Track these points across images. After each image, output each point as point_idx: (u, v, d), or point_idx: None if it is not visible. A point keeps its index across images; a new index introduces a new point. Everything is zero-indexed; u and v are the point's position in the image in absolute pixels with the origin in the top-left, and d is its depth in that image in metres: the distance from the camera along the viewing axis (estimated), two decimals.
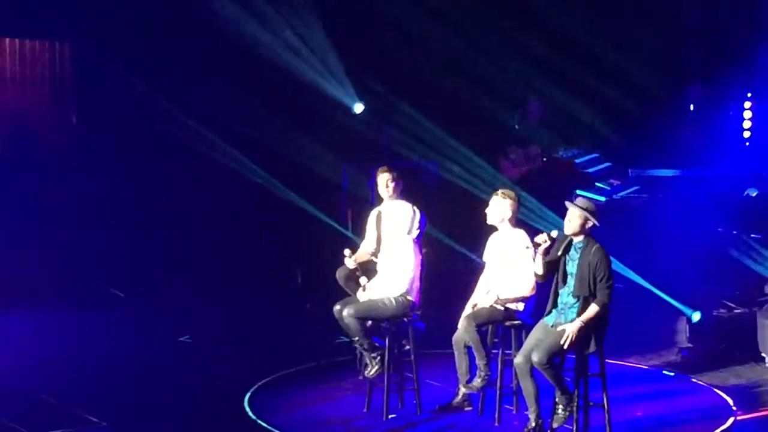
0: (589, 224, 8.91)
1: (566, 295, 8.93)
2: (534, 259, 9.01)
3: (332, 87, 15.70)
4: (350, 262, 9.93)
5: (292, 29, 15.61)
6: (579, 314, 8.80)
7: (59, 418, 9.58)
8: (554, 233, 8.96)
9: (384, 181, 10.00)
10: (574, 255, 8.92)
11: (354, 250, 10.05)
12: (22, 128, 15.77)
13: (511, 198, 9.62)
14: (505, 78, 16.07)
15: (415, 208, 9.92)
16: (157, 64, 15.22)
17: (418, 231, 9.87)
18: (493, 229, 9.75)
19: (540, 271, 9.00)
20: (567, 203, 9.01)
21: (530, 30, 15.82)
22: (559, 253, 8.97)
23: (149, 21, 15.19)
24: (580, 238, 8.92)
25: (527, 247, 9.18)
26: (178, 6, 15.14)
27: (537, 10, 16.00)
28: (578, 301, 8.83)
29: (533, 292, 9.45)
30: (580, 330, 8.73)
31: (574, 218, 8.91)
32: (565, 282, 8.95)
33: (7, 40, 15.67)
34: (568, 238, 8.97)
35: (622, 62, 15.76)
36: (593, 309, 8.77)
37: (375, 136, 16.13)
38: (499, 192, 9.68)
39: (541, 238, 8.93)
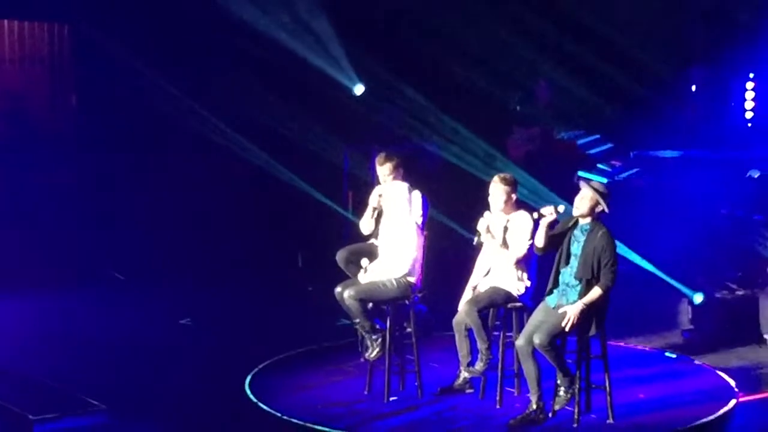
0: (599, 208, 8.84)
1: (568, 276, 8.91)
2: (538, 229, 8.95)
3: (332, 68, 15.62)
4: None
5: (293, 10, 15.53)
6: (581, 296, 8.78)
7: (59, 401, 9.53)
8: (561, 208, 8.90)
9: (382, 175, 9.91)
10: (579, 236, 8.87)
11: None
12: (22, 110, 15.76)
13: (508, 183, 9.52)
14: (507, 59, 15.99)
15: (416, 191, 9.84)
16: (157, 45, 15.18)
17: (422, 216, 9.78)
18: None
19: (541, 244, 8.96)
20: (582, 183, 8.92)
21: (532, 10, 15.73)
22: (564, 230, 8.92)
23: (148, 2, 15.13)
24: (587, 220, 8.87)
25: (534, 217, 9.04)
26: None
27: None
28: (580, 283, 8.80)
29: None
30: (582, 312, 8.71)
31: (585, 199, 8.84)
32: (567, 262, 8.91)
33: (6, 21, 15.64)
34: (575, 218, 8.91)
35: (624, 43, 15.67)
36: (596, 292, 8.74)
37: (376, 118, 16.05)
38: (497, 178, 9.56)
39: (548, 210, 8.88)
